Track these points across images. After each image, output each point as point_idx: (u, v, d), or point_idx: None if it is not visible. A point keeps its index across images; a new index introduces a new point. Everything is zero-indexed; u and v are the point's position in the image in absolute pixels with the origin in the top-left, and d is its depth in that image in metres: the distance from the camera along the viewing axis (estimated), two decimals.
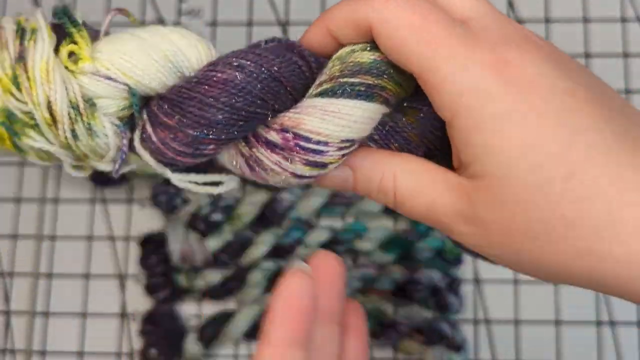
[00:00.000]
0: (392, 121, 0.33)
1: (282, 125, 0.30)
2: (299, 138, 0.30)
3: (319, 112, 0.30)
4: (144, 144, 0.31)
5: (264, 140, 0.31)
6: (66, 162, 0.32)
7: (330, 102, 0.30)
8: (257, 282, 0.62)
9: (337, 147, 0.30)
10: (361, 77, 0.30)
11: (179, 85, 0.31)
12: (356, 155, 0.32)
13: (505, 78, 0.28)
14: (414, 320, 0.61)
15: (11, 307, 0.66)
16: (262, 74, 0.30)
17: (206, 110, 0.30)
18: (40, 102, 0.29)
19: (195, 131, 0.30)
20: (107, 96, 0.31)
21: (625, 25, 0.67)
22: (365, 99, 0.30)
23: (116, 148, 0.31)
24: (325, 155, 0.30)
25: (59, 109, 0.29)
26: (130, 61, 0.31)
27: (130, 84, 0.31)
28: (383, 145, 0.33)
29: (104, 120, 0.31)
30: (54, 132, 0.30)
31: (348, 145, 0.31)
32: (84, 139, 0.30)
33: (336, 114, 0.30)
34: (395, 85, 0.31)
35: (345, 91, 0.30)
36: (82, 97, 0.30)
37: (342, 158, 0.31)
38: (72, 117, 0.30)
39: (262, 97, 0.30)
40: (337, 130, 0.30)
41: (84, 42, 0.32)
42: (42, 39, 0.31)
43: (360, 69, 0.30)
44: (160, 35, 0.32)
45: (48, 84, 0.29)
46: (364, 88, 0.30)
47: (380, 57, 0.31)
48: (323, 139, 0.30)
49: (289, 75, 0.31)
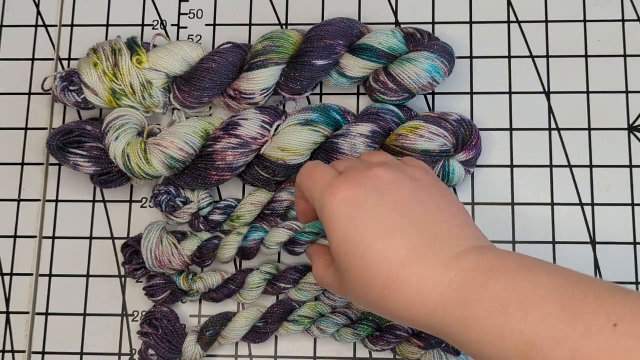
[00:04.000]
0: None
1: (234, 87, 0.64)
2: (240, 92, 0.64)
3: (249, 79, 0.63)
4: (174, 99, 0.65)
5: (227, 95, 0.65)
6: (140, 109, 0.65)
7: (253, 73, 0.63)
8: (256, 284, 0.62)
9: (260, 94, 0.63)
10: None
11: (188, 71, 0.65)
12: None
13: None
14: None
15: (11, 307, 0.66)
16: (224, 62, 0.63)
17: (202, 82, 0.63)
18: (127, 84, 0.63)
19: (198, 92, 0.64)
20: (156, 79, 0.64)
21: (625, 26, 0.67)
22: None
23: (163, 102, 0.65)
24: (255, 99, 0.64)
25: (135, 86, 0.63)
26: (165, 61, 0.64)
27: (166, 72, 0.64)
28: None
29: (156, 90, 0.64)
30: (134, 97, 0.64)
31: (265, 92, 0.64)
32: (148, 99, 0.64)
33: (255, 79, 0.63)
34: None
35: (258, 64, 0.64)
36: (145, 80, 0.63)
37: (263, 97, 0.64)
38: (141, 90, 0.63)
39: (225, 74, 0.63)
40: (258, 86, 0.63)
41: (143, 54, 0.64)
42: (124, 54, 0.63)
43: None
44: (179, 46, 0.65)
45: (129, 76, 0.63)
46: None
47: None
48: (251, 93, 0.63)
49: (237, 61, 0.63)
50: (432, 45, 0.63)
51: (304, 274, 0.63)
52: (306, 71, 0.63)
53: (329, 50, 0.63)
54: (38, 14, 0.71)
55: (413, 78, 0.62)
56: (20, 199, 0.67)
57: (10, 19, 0.71)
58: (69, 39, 0.70)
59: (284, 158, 0.62)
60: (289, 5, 0.70)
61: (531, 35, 0.67)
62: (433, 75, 0.62)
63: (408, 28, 0.65)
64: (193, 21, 0.70)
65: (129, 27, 0.70)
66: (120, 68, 0.63)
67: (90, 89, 0.63)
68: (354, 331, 0.61)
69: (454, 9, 0.68)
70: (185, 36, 0.70)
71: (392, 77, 0.62)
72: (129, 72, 0.63)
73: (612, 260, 0.63)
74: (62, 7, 0.71)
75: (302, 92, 0.65)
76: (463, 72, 0.67)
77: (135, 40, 0.65)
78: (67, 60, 0.70)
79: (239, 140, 0.61)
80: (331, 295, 0.62)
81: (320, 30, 0.64)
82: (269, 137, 0.62)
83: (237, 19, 0.70)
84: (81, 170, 0.63)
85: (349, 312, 0.62)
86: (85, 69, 0.63)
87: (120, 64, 0.63)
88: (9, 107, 0.69)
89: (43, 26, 0.71)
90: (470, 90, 0.67)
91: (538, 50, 0.67)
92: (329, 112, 0.63)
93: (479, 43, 0.67)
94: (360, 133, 0.62)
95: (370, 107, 0.64)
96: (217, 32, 0.70)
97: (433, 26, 0.68)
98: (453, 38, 0.66)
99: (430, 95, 0.67)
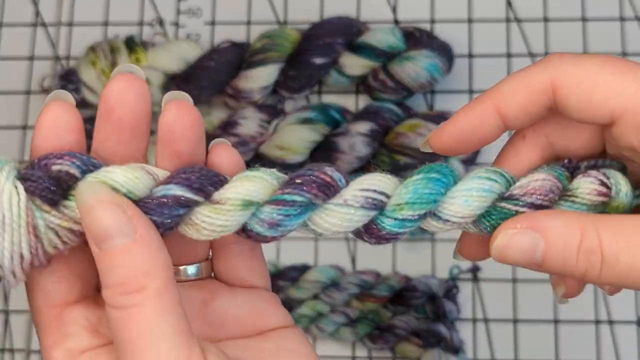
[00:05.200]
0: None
1: (233, 85, 0.64)
2: (239, 90, 0.63)
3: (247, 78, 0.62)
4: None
5: (226, 93, 0.65)
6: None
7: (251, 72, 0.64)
8: None
9: (258, 93, 0.63)
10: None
11: (187, 70, 0.64)
12: (541, 216, 0.29)
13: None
14: (411, 324, 0.61)
15: (11, 306, 0.66)
16: (223, 61, 0.62)
17: (200, 81, 0.64)
18: None
19: (196, 91, 0.62)
20: (154, 77, 0.64)
21: (624, 25, 0.67)
22: None
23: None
24: (253, 97, 0.63)
25: None
26: (163, 60, 0.64)
27: (164, 71, 0.64)
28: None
29: (154, 88, 0.63)
30: None
31: (264, 91, 0.63)
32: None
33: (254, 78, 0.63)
34: None
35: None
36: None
37: (262, 95, 0.63)
38: None
39: (224, 72, 0.63)
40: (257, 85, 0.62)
41: (141, 53, 0.64)
42: (122, 52, 0.64)
43: None
44: (177, 44, 0.66)
45: None
46: None
47: None
48: (250, 92, 0.63)
49: (236, 60, 0.63)
50: (431, 43, 0.63)
51: (303, 272, 0.63)
52: (305, 69, 0.63)
53: (327, 48, 0.63)
54: (37, 12, 0.71)
55: (412, 76, 0.62)
56: None
57: (9, 17, 0.71)
58: (67, 38, 0.70)
59: (283, 156, 0.62)
60: (287, 3, 0.69)
61: (530, 34, 0.67)
62: (432, 74, 0.62)
63: (407, 26, 0.65)
64: (191, 20, 0.70)
65: (128, 25, 0.70)
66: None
67: (89, 87, 0.63)
68: (353, 330, 0.61)
69: (453, 7, 0.68)
70: (183, 35, 0.70)
71: (391, 75, 0.62)
72: None
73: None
74: (61, 5, 0.71)
75: (301, 90, 0.65)
76: (462, 71, 0.67)
77: (134, 39, 0.65)
78: (65, 58, 0.70)
79: (238, 138, 0.61)
80: (330, 294, 0.62)
81: (319, 29, 0.63)
82: (267, 136, 0.62)
83: (235, 18, 0.70)
84: None
85: (348, 311, 0.62)
86: (83, 67, 0.63)
87: (119, 63, 0.63)
88: (8, 105, 0.69)
89: (42, 25, 0.71)
90: (469, 89, 0.67)
91: (537, 49, 0.67)
92: (328, 110, 0.63)
93: (478, 41, 0.67)
94: (359, 131, 0.61)
95: (369, 106, 0.64)
96: (216, 31, 0.70)
97: (432, 24, 0.68)
98: (452, 36, 0.66)
99: (429, 94, 0.67)
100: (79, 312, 0.29)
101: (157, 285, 0.26)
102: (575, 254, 0.28)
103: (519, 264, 0.29)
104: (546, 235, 0.28)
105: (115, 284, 0.26)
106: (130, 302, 0.26)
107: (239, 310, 0.32)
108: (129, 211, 0.26)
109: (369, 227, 0.30)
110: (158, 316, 0.26)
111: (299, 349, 0.32)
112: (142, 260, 0.26)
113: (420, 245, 0.64)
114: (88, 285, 0.30)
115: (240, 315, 0.32)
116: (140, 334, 0.25)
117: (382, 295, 0.61)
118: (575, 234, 0.28)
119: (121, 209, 0.26)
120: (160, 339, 0.25)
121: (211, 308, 0.32)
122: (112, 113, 0.29)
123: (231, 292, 0.32)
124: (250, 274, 0.33)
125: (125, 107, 0.29)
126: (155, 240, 0.27)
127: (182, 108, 0.29)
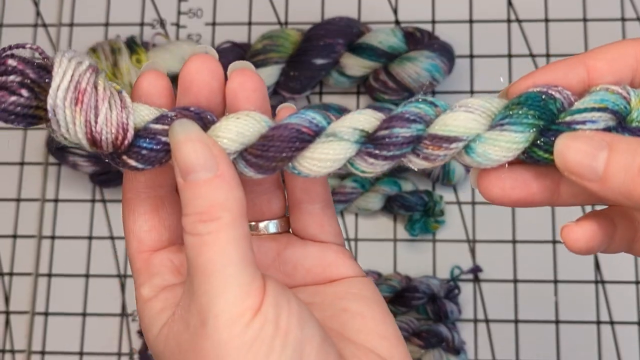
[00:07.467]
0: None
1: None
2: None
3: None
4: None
5: None
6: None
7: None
8: None
9: None
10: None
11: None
12: (608, 133, 0.29)
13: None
14: (412, 324, 0.61)
15: (11, 307, 0.66)
16: (224, 62, 0.53)
17: None
18: (126, 83, 0.64)
19: None
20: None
21: (625, 25, 0.67)
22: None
23: None
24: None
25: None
26: (164, 61, 0.63)
27: (165, 71, 0.60)
28: None
29: None
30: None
31: None
32: None
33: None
34: None
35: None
36: None
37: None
38: None
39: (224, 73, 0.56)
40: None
41: (142, 53, 0.65)
42: (123, 53, 0.64)
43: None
44: (178, 45, 0.65)
45: (129, 75, 0.63)
46: None
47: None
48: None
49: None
50: (432, 44, 0.63)
51: None
52: (306, 70, 0.63)
53: (328, 49, 0.63)
54: (37, 13, 0.71)
55: (413, 77, 0.62)
56: (19, 199, 0.67)
57: (10, 18, 0.71)
58: (68, 38, 0.70)
59: None
60: (288, 4, 0.69)
61: (531, 34, 0.67)
62: (433, 74, 0.62)
63: (408, 27, 0.65)
64: (192, 20, 0.70)
65: (128, 26, 0.70)
66: (120, 67, 0.63)
67: None
68: None
69: (454, 8, 0.68)
70: (184, 35, 0.70)
71: (392, 76, 0.62)
72: (128, 71, 0.63)
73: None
74: (61, 6, 0.71)
75: (302, 91, 0.65)
76: (463, 71, 0.67)
77: (135, 40, 0.65)
78: None
79: None
80: None
81: (320, 29, 0.63)
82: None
83: (236, 18, 0.70)
84: (80, 170, 0.63)
85: None
86: None
87: (120, 63, 0.63)
88: None
89: (43, 25, 0.71)
90: (470, 89, 0.67)
91: (538, 49, 0.67)
92: (329, 111, 0.63)
93: (479, 42, 0.67)
94: None
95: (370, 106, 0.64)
96: (217, 31, 0.70)
97: (433, 25, 0.68)
98: (453, 37, 0.66)
99: (430, 94, 0.67)
100: (165, 255, 0.33)
101: (231, 217, 0.29)
102: (637, 173, 0.27)
103: (576, 170, 0.28)
104: (611, 144, 0.28)
105: (195, 212, 0.29)
106: (205, 230, 0.28)
107: (309, 260, 0.35)
108: (214, 150, 0.29)
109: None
110: (228, 244, 0.28)
111: (367, 294, 0.35)
112: (220, 193, 0.29)
113: (422, 246, 0.64)
114: (175, 235, 0.33)
115: (309, 265, 0.35)
116: (210, 259, 0.28)
117: (384, 296, 0.61)
118: (637, 154, 0.27)
119: (207, 147, 0.29)
120: (227, 265, 0.28)
121: (283, 257, 0.35)
122: (189, 90, 0.32)
123: (303, 245, 0.35)
124: (321, 231, 0.36)
125: (200, 84, 0.32)
126: (234, 178, 0.29)
127: (245, 75, 0.33)
